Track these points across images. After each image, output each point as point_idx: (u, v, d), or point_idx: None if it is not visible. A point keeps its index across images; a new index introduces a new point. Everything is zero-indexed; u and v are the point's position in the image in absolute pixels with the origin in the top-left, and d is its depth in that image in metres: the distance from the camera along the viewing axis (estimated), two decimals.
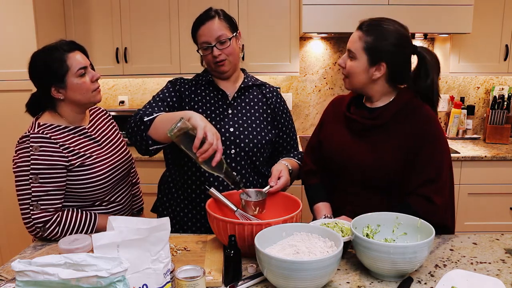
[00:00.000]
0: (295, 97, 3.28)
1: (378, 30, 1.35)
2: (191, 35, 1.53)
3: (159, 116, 1.35)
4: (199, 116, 1.22)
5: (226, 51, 1.47)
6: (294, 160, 1.60)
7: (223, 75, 1.54)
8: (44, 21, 2.67)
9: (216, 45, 1.46)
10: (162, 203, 1.64)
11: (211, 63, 1.50)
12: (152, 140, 1.34)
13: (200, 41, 1.48)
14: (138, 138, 1.36)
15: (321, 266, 0.97)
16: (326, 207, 1.48)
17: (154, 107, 1.46)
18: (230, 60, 1.50)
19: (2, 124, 2.70)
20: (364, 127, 1.42)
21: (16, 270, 0.81)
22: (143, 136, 1.34)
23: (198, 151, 1.17)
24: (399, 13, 2.60)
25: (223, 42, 1.46)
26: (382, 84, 1.40)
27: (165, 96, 1.52)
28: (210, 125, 1.20)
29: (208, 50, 1.47)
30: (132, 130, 1.38)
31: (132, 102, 3.32)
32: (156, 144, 1.35)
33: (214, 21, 1.46)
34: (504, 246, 1.30)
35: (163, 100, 1.50)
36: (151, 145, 1.35)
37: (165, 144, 1.37)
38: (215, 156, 1.18)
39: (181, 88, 1.55)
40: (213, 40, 1.45)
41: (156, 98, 1.51)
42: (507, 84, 3.24)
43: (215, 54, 1.46)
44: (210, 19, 1.47)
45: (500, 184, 2.69)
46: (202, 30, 1.47)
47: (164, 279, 0.96)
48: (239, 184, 1.28)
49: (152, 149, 1.37)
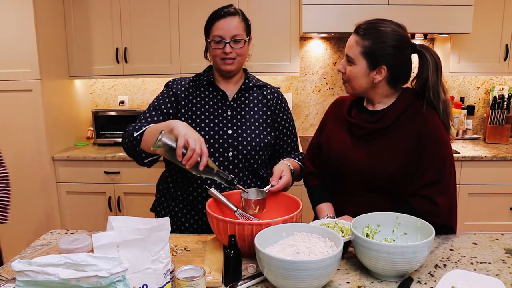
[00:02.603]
0: (295, 97, 3.28)
1: (375, 33, 1.33)
2: (205, 25, 1.50)
3: (148, 129, 1.38)
4: (182, 124, 1.22)
5: (238, 51, 1.47)
6: (295, 160, 1.59)
7: (227, 74, 1.53)
8: (44, 21, 2.67)
9: (230, 43, 1.45)
10: (160, 203, 1.64)
11: (218, 58, 1.48)
12: (145, 154, 1.39)
13: (214, 34, 1.46)
14: (134, 153, 1.42)
15: (321, 266, 0.97)
16: (328, 208, 1.48)
17: (148, 117, 1.49)
18: (239, 61, 1.50)
19: (2, 124, 2.70)
20: (366, 131, 1.40)
21: (16, 270, 0.81)
22: (137, 151, 1.39)
23: (182, 159, 1.17)
24: (399, 13, 2.60)
25: (238, 41, 1.46)
26: (384, 86, 1.39)
27: (159, 103, 1.53)
28: (191, 131, 1.20)
29: (220, 45, 1.46)
30: (126, 146, 1.44)
31: (132, 102, 3.32)
32: (150, 157, 1.41)
33: (234, 19, 1.46)
34: (504, 246, 1.30)
35: (157, 109, 1.52)
36: (145, 158, 1.41)
37: (159, 155, 1.41)
38: (201, 160, 1.18)
39: (177, 90, 1.55)
40: (229, 37, 1.45)
41: (150, 107, 1.53)
42: (507, 84, 3.24)
43: (226, 51, 1.45)
44: (231, 15, 1.46)
45: (500, 184, 2.69)
46: (221, 23, 1.45)
47: (164, 279, 0.96)
48: (233, 182, 1.29)
49: (147, 161, 1.42)
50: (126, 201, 2.84)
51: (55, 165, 2.79)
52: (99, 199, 2.84)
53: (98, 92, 3.33)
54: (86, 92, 3.28)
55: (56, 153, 2.80)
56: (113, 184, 2.81)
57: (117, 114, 3.03)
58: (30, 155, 2.73)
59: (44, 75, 2.67)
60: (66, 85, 2.98)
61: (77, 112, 3.16)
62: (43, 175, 2.76)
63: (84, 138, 3.25)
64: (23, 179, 2.75)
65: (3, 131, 2.71)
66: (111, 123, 3.02)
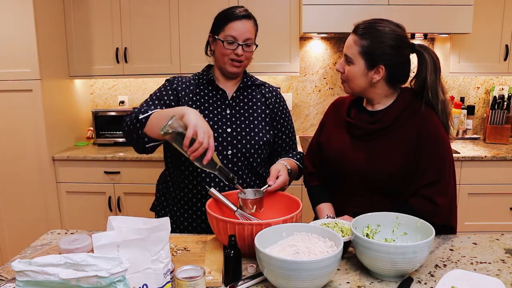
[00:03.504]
0: (295, 97, 3.28)
1: (373, 33, 1.33)
2: (216, 21, 1.50)
3: (154, 113, 1.34)
4: (193, 113, 1.20)
5: (247, 55, 1.50)
6: (293, 160, 1.59)
7: (231, 75, 1.54)
8: (44, 21, 2.67)
9: (242, 45, 1.47)
10: (160, 202, 1.65)
11: (226, 58, 1.48)
12: (148, 138, 1.35)
13: (228, 33, 1.46)
14: (135, 136, 1.37)
15: (321, 266, 0.97)
16: (328, 208, 1.48)
17: (151, 105, 1.46)
18: (245, 64, 1.52)
19: (2, 124, 2.70)
20: (366, 132, 1.40)
21: (16, 270, 0.81)
22: (139, 134, 1.35)
23: (188, 149, 1.17)
24: (399, 13, 2.60)
25: (249, 45, 1.48)
26: (382, 86, 1.38)
27: (162, 94, 1.52)
28: (202, 122, 1.19)
29: (232, 46, 1.46)
30: (128, 129, 1.39)
31: (132, 102, 3.32)
32: (152, 141, 1.36)
33: (250, 22, 1.49)
34: (504, 246, 1.30)
35: (159, 98, 1.50)
36: (147, 142, 1.36)
37: (161, 141, 1.38)
38: (206, 154, 1.18)
39: (178, 87, 1.55)
40: (242, 39, 1.46)
41: (153, 96, 1.51)
42: (507, 84, 3.24)
43: (238, 53, 1.47)
44: (247, 18, 1.48)
45: (500, 184, 2.69)
46: (237, 24, 1.46)
47: (164, 279, 0.96)
48: (233, 181, 1.28)
49: (148, 146, 1.38)
50: (126, 201, 2.84)
51: (55, 165, 2.79)
52: (99, 199, 2.84)
53: (98, 92, 3.33)
54: (86, 92, 3.28)
55: (56, 153, 2.80)
56: (113, 184, 2.81)
57: (117, 114, 3.03)
58: (30, 155, 2.73)
59: (44, 75, 2.67)
60: (66, 85, 2.98)
61: (77, 112, 3.16)
62: (43, 175, 2.76)
63: (84, 138, 3.25)
64: (23, 179, 2.76)
65: (3, 131, 2.71)
66: (111, 123, 3.02)
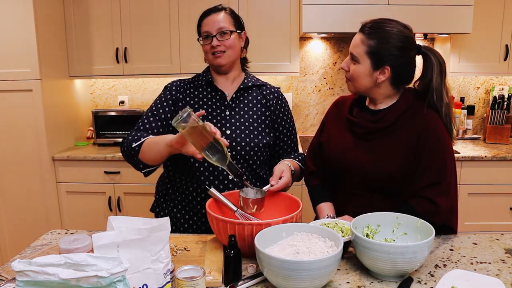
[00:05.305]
0: (295, 97, 3.28)
1: (380, 33, 1.32)
2: (197, 28, 1.55)
3: (146, 141, 1.41)
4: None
5: (226, 44, 1.48)
6: (295, 161, 1.59)
7: (220, 69, 1.54)
8: (44, 21, 2.67)
9: (216, 36, 1.47)
10: (159, 203, 1.64)
11: (208, 54, 1.51)
12: (143, 164, 1.43)
13: (202, 31, 1.50)
14: (132, 162, 1.48)
15: (321, 266, 0.97)
16: (328, 207, 1.48)
17: (146, 124, 1.51)
18: (229, 54, 1.50)
19: (2, 124, 2.70)
20: (367, 130, 1.40)
21: (16, 270, 0.81)
22: (135, 160, 1.44)
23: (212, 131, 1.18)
24: (399, 13, 2.60)
25: (224, 33, 1.48)
26: (387, 87, 1.38)
27: (157, 108, 1.54)
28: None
29: (208, 40, 1.49)
30: (125, 154, 1.50)
31: (132, 102, 3.32)
32: (147, 167, 1.45)
33: (219, 14, 1.50)
34: (504, 246, 1.30)
35: (155, 115, 1.53)
36: (143, 168, 1.45)
37: (156, 167, 1.47)
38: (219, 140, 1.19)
39: (177, 93, 1.56)
40: (215, 30, 1.47)
41: (148, 113, 1.55)
42: (507, 84, 3.24)
43: (213, 44, 1.47)
44: (217, 11, 1.50)
45: (500, 184, 2.69)
46: (207, 19, 1.49)
47: (164, 279, 0.96)
48: (242, 177, 1.28)
49: (144, 172, 1.47)
50: (126, 201, 2.84)
51: (55, 165, 2.79)
52: (99, 199, 2.84)
53: (98, 92, 3.33)
54: (86, 92, 3.28)
55: (56, 153, 2.80)
56: (113, 184, 2.81)
57: (117, 114, 3.03)
58: (30, 155, 2.73)
59: (44, 75, 2.67)
60: (66, 85, 2.98)
61: (77, 112, 3.16)
62: (43, 175, 2.76)
63: (84, 138, 3.25)
64: (23, 179, 2.76)
65: (3, 131, 2.71)
66: (111, 123, 3.02)
